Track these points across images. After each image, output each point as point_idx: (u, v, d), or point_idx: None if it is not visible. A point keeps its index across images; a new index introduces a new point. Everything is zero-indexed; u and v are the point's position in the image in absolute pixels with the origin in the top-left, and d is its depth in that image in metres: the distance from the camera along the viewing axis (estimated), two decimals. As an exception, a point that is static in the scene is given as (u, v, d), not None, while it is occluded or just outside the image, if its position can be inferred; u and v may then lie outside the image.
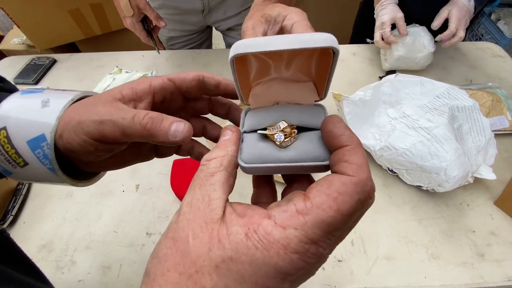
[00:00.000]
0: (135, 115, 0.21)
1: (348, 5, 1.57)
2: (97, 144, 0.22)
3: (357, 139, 0.18)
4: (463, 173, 0.49)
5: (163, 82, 0.24)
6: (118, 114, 0.21)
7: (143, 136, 0.21)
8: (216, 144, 0.21)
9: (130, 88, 0.24)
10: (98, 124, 0.21)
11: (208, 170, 0.18)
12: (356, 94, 0.62)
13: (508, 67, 0.80)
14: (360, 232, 0.51)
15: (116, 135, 0.21)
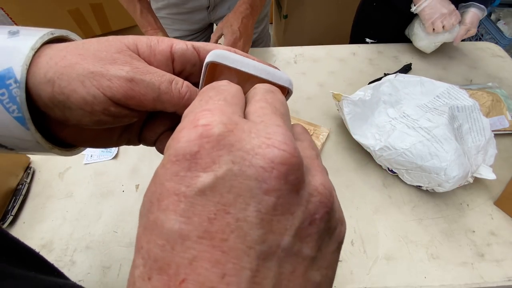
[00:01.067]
0: (173, 81, 0.18)
1: (347, 5, 1.57)
2: (111, 105, 0.17)
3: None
4: (463, 173, 0.49)
5: (187, 48, 0.19)
6: (151, 75, 0.17)
7: (177, 106, 0.18)
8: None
9: (148, 46, 0.19)
10: (126, 81, 0.17)
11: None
12: (356, 94, 0.62)
13: (508, 67, 0.80)
14: (360, 232, 0.51)
15: (147, 99, 0.17)
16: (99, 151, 0.63)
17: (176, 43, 0.19)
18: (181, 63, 0.20)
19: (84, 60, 0.17)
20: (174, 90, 0.18)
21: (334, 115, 0.69)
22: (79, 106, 0.17)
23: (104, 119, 0.18)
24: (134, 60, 0.18)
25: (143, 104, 0.18)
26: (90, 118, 0.18)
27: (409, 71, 0.79)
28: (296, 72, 0.80)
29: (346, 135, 0.64)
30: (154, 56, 0.19)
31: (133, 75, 0.17)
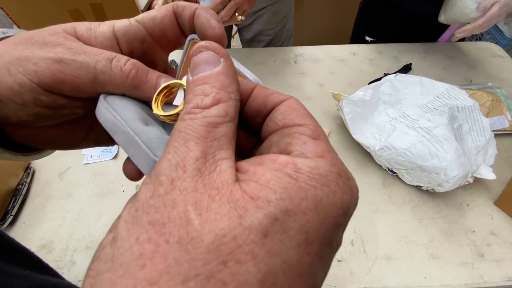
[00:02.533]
0: (113, 58, 0.16)
1: (348, 5, 1.57)
2: (41, 93, 0.15)
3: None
4: (463, 173, 0.49)
5: (130, 24, 0.17)
6: (85, 54, 0.15)
7: (123, 86, 0.16)
8: (197, 77, 0.13)
9: (88, 28, 0.17)
10: (54, 63, 0.15)
11: (207, 119, 0.12)
12: (356, 94, 0.62)
13: (508, 67, 0.80)
14: (360, 232, 0.51)
15: (82, 82, 0.15)
16: (99, 151, 0.63)
17: (117, 22, 0.17)
18: (127, 42, 0.17)
19: (15, 48, 0.15)
20: (115, 69, 0.15)
21: (334, 115, 0.69)
22: (9, 98, 0.15)
23: (42, 112, 0.16)
24: (68, 41, 0.16)
25: (79, 89, 0.16)
26: (26, 112, 0.16)
27: (409, 71, 0.79)
28: (296, 72, 0.80)
29: (346, 135, 0.64)
30: (94, 38, 0.17)
31: (63, 55, 0.15)
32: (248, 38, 0.94)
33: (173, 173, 0.11)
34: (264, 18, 0.87)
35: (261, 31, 0.90)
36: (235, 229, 0.09)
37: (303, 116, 0.13)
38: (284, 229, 0.09)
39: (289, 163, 0.11)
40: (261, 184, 0.10)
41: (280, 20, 0.90)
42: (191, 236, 0.09)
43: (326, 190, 0.10)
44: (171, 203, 0.10)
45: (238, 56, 0.85)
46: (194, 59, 0.13)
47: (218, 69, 0.13)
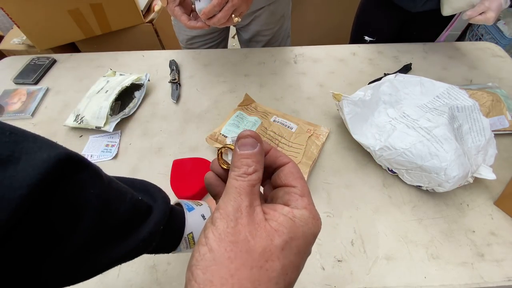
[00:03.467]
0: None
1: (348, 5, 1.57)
2: None
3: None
4: (463, 173, 0.49)
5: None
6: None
7: None
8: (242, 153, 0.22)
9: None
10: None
11: (251, 181, 0.21)
12: (356, 94, 0.62)
13: (508, 67, 0.80)
14: (360, 232, 0.51)
15: None
16: (99, 151, 0.63)
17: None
18: None
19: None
20: None
21: (334, 115, 0.69)
22: None
23: None
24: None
25: None
26: None
27: (409, 71, 0.79)
28: (296, 72, 0.80)
29: (346, 135, 0.64)
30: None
31: None
32: (246, 39, 0.94)
33: (236, 214, 0.20)
34: (261, 19, 0.87)
35: (259, 31, 0.90)
36: (269, 245, 0.19)
37: (296, 179, 0.23)
38: (290, 246, 0.19)
39: (289, 212, 0.21)
40: (278, 223, 0.20)
41: (277, 20, 0.90)
42: (251, 248, 0.19)
43: (307, 227, 0.21)
44: (238, 232, 0.19)
45: (238, 56, 0.85)
46: (242, 140, 0.22)
47: (256, 150, 0.22)
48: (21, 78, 0.80)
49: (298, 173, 0.23)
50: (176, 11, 0.60)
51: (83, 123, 0.66)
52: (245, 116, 0.66)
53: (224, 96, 0.75)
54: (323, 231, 0.51)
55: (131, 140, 0.66)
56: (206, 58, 0.85)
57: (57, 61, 0.87)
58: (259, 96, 0.74)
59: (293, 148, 0.60)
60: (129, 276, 0.47)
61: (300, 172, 0.24)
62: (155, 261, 0.49)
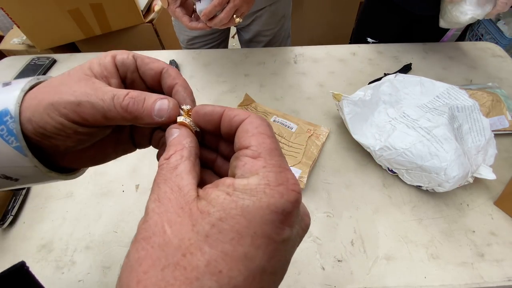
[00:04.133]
0: (114, 96, 0.20)
1: (348, 5, 1.57)
2: (76, 127, 0.20)
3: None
4: (463, 173, 0.49)
5: (126, 57, 0.22)
6: (96, 95, 0.19)
7: (126, 119, 0.20)
8: (167, 144, 0.19)
9: (98, 64, 0.22)
10: (76, 106, 0.19)
11: (169, 165, 0.17)
12: (356, 94, 0.62)
13: (508, 67, 0.80)
14: (360, 232, 0.51)
15: (97, 118, 0.20)
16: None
17: (118, 53, 0.23)
18: (123, 71, 0.23)
19: (48, 95, 0.20)
20: (116, 106, 0.19)
21: (334, 115, 0.69)
22: (55, 133, 0.20)
23: (82, 138, 0.21)
24: (86, 86, 0.20)
25: (99, 122, 0.20)
26: (71, 140, 0.21)
27: (409, 71, 0.79)
28: (296, 72, 0.80)
29: (346, 135, 0.64)
30: (105, 69, 0.22)
31: (80, 99, 0.19)
32: (247, 39, 0.94)
33: (152, 204, 0.16)
34: (262, 19, 0.87)
35: (260, 31, 0.90)
36: (189, 233, 0.14)
37: (250, 137, 0.17)
38: (219, 230, 0.14)
39: (230, 185, 0.15)
40: (207, 202, 0.15)
41: (278, 20, 0.90)
42: (166, 241, 0.14)
43: (253, 199, 0.15)
44: (154, 223, 0.15)
45: (238, 56, 0.85)
46: (166, 134, 0.20)
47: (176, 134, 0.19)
48: (22, 78, 0.80)
49: (257, 128, 0.17)
50: (177, 12, 0.60)
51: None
52: (245, 116, 0.66)
53: (224, 96, 0.75)
54: (323, 231, 0.51)
55: (131, 140, 0.66)
56: (206, 58, 0.85)
57: (57, 61, 0.87)
58: (259, 96, 0.74)
59: (293, 148, 0.60)
60: (129, 276, 0.47)
61: (262, 126, 0.17)
62: (155, 261, 0.49)
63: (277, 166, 0.16)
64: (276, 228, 0.15)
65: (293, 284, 0.46)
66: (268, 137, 0.17)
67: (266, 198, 0.15)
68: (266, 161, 0.16)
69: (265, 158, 0.16)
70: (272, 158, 0.16)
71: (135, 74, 0.23)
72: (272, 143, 0.17)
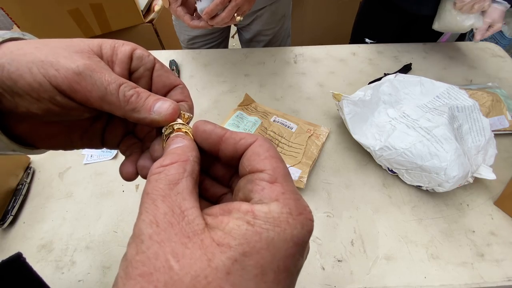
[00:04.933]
0: (122, 84, 0.18)
1: (348, 5, 1.57)
2: (57, 94, 0.18)
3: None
4: (463, 173, 0.49)
5: (147, 55, 0.21)
6: (101, 74, 0.18)
7: (121, 108, 0.19)
8: (167, 151, 0.17)
9: (112, 47, 0.20)
10: (74, 75, 0.17)
11: (169, 177, 0.15)
12: (356, 94, 0.62)
13: (508, 67, 0.80)
14: (360, 232, 0.51)
15: (93, 97, 0.18)
16: (99, 151, 0.63)
17: (138, 47, 0.21)
18: (137, 65, 0.21)
19: (39, 51, 0.17)
20: (121, 93, 0.18)
21: (334, 115, 0.69)
22: (26, 92, 0.17)
23: (52, 109, 0.18)
24: (90, 60, 0.18)
25: (89, 101, 0.18)
26: (38, 106, 0.18)
27: (409, 71, 0.79)
28: (296, 72, 0.80)
29: (346, 135, 0.64)
30: (116, 55, 0.20)
31: (82, 69, 0.17)
32: (247, 39, 0.95)
33: (149, 229, 0.13)
34: (263, 19, 0.87)
35: (260, 31, 0.90)
36: (205, 269, 0.12)
37: (263, 160, 0.16)
38: (243, 266, 0.12)
39: (248, 212, 0.14)
40: (225, 232, 0.13)
41: (278, 20, 0.90)
42: (174, 279, 0.12)
43: (278, 230, 0.13)
44: (154, 255, 0.13)
45: (237, 56, 0.85)
46: (169, 141, 0.18)
47: (181, 144, 0.17)
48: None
49: (268, 151, 0.16)
50: (178, 12, 0.60)
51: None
52: (245, 116, 0.66)
53: (224, 96, 0.75)
54: (323, 231, 0.51)
55: (131, 140, 0.66)
56: (206, 58, 0.85)
57: (57, 61, 0.87)
58: (259, 96, 0.74)
59: (293, 148, 0.60)
60: (129, 276, 0.47)
61: (271, 149, 0.17)
62: (155, 261, 0.49)
63: (294, 193, 0.15)
64: (295, 260, 0.14)
65: (293, 284, 0.46)
66: (281, 161, 0.16)
67: (289, 230, 0.14)
68: (284, 187, 0.15)
69: (282, 184, 0.15)
70: (288, 184, 0.15)
71: (147, 73, 0.22)
72: (285, 168, 0.16)
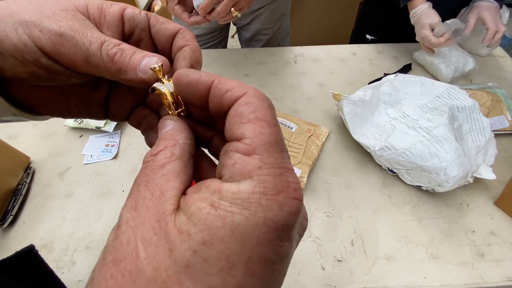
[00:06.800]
0: (104, 42, 0.17)
1: (348, 5, 1.57)
2: (41, 56, 0.17)
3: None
4: (463, 173, 0.49)
5: (139, 13, 0.19)
6: (83, 34, 0.17)
7: (108, 70, 0.17)
8: (158, 137, 0.16)
9: (99, 7, 0.19)
10: (55, 36, 0.16)
11: (156, 163, 0.14)
12: (356, 94, 0.62)
13: (508, 67, 0.80)
14: (360, 232, 0.51)
15: (77, 59, 0.17)
16: (99, 151, 0.63)
17: (129, 7, 0.19)
18: (130, 26, 0.19)
19: (25, 11, 0.17)
20: (103, 52, 0.17)
21: (334, 115, 0.69)
22: (10, 53, 0.16)
23: (38, 72, 0.17)
24: (74, 19, 0.17)
25: (74, 64, 0.17)
26: (24, 69, 0.17)
27: (409, 71, 0.79)
28: (296, 72, 0.80)
29: (346, 135, 0.64)
30: (104, 17, 0.19)
31: (64, 30, 0.16)
32: (247, 38, 0.95)
33: (127, 214, 0.13)
34: (262, 18, 0.87)
35: (260, 30, 0.90)
36: (166, 261, 0.11)
37: (245, 125, 0.13)
38: (204, 258, 0.11)
39: (215, 191, 0.12)
40: (187, 217, 0.12)
41: (278, 19, 0.90)
42: (138, 268, 0.11)
43: (246, 213, 0.11)
44: (126, 241, 0.12)
45: (237, 56, 0.85)
46: (158, 128, 0.17)
47: (170, 127, 0.16)
48: None
49: (254, 111, 0.13)
50: (176, 10, 0.60)
51: (83, 123, 0.66)
52: (245, 116, 0.66)
53: (224, 96, 0.75)
54: (323, 231, 0.51)
55: (131, 140, 0.66)
56: (206, 58, 0.85)
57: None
58: (259, 96, 0.74)
59: (293, 148, 0.60)
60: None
61: (260, 109, 0.13)
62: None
63: (276, 166, 0.12)
64: (274, 247, 0.12)
65: (293, 284, 0.46)
66: (268, 125, 0.13)
67: (262, 213, 0.11)
68: (262, 160, 0.12)
69: (262, 155, 0.12)
70: (271, 155, 0.12)
71: (145, 33, 0.20)
72: (272, 134, 0.13)
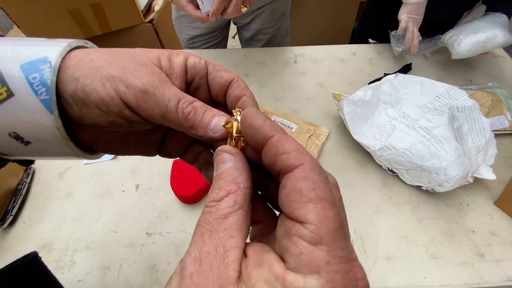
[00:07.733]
0: (180, 100, 0.18)
1: (348, 5, 1.57)
2: (125, 109, 0.18)
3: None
4: (463, 173, 0.49)
5: (199, 61, 0.21)
6: (163, 91, 0.18)
7: (181, 125, 0.19)
8: (216, 174, 0.16)
9: (167, 59, 0.21)
10: (140, 93, 0.18)
11: (219, 212, 0.14)
12: (356, 94, 0.62)
13: (508, 67, 0.80)
14: (360, 232, 0.51)
15: (155, 114, 0.18)
16: (99, 151, 0.63)
17: (190, 55, 0.21)
18: (192, 75, 0.21)
19: (109, 65, 0.18)
20: (179, 110, 0.18)
21: (334, 115, 0.69)
22: (96, 104, 0.18)
23: (118, 121, 0.19)
24: (153, 74, 0.19)
25: (152, 117, 0.19)
26: (105, 118, 0.19)
27: (409, 71, 0.79)
28: (296, 72, 0.80)
29: (346, 135, 0.64)
30: (173, 68, 0.21)
31: (147, 88, 0.18)
32: (247, 37, 0.95)
33: (192, 267, 0.13)
34: (262, 17, 0.87)
35: (260, 29, 0.91)
36: None
37: (306, 205, 0.12)
38: None
39: (279, 277, 0.12)
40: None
41: (278, 18, 0.91)
42: None
43: None
44: None
45: (237, 56, 0.85)
46: (215, 160, 0.17)
47: (229, 165, 0.16)
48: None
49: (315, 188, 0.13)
50: (181, 2, 0.58)
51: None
52: (245, 116, 0.66)
53: (224, 96, 0.75)
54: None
55: (131, 140, 0.66)
56: (207, 58, 0.85)
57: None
58: (259, 96, 0.74)
59: (293, 148, 0.60)
60: (129, 276, 0.47)
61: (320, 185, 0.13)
62: (155, 261, 0.49)
63: (344, 261, 0.12)
64: None
65: (293, 284, 0.46)
66: (331, 206, 0.13)
67: None
68: (330, 252, 0.12)
69: (329, 246, 0.12)
70: (338, 246, 0.12)
71: (203, 80, 0.22)
72: (336, 217, 0.12)
